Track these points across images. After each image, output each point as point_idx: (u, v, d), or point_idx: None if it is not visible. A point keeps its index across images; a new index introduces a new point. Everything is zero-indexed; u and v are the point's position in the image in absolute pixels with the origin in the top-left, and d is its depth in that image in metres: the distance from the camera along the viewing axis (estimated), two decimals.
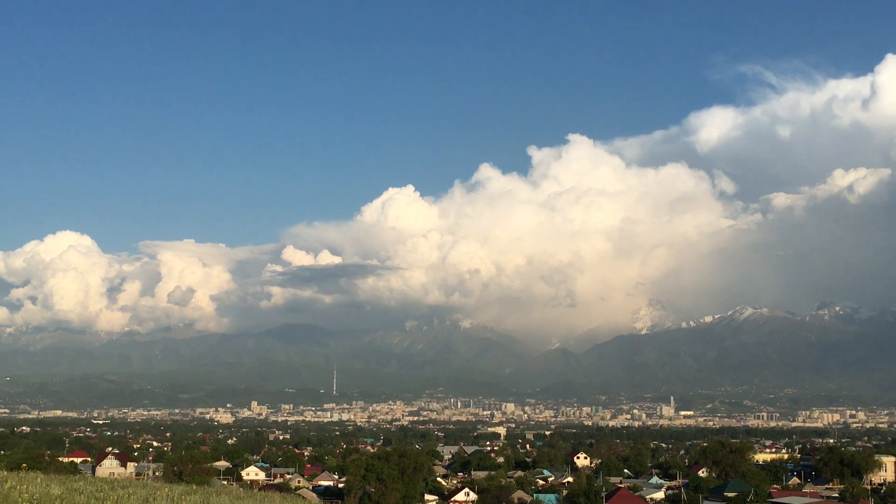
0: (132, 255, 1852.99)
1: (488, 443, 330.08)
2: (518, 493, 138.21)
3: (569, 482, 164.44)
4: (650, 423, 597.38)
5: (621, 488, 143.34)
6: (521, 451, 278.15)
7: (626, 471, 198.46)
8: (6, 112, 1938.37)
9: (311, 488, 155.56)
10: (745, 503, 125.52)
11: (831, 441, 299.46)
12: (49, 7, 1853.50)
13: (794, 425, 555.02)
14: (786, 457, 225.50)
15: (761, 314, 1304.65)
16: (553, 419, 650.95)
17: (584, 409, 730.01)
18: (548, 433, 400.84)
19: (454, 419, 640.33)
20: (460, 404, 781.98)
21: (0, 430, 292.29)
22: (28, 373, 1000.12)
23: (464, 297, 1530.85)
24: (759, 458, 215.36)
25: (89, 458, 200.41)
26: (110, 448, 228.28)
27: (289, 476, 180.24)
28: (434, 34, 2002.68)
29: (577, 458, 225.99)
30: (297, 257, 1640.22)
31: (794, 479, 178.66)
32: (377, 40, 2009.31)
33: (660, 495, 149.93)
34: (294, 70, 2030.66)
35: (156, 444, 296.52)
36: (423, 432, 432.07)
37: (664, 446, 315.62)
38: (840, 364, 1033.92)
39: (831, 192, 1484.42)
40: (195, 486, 43.01)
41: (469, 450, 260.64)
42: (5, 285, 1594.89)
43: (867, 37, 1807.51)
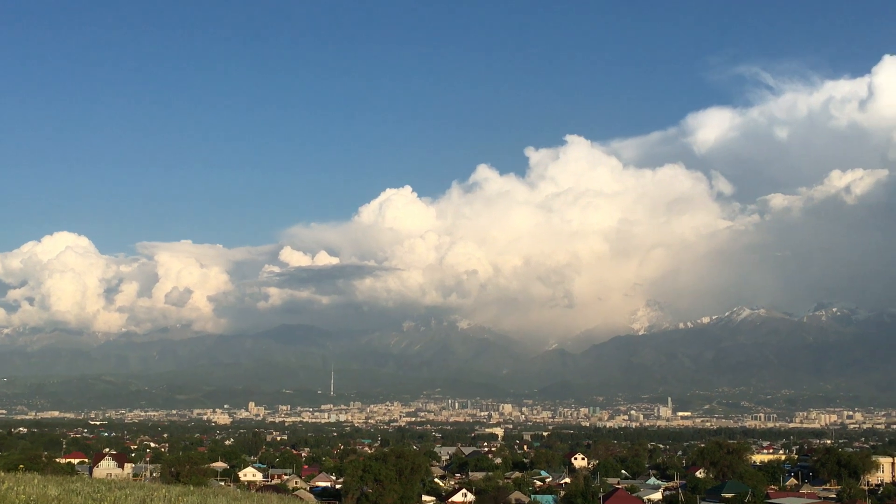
0: (129, 255, 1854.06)
1: (486, 443, 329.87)
2: (515, 494, 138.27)
3: (566, 483, 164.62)
4: (647, 423, 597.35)
5: (619, 489, 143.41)
6: (519, 451, 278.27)
7: (623, 472, 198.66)
8: (3, 113, 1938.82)
9: (308, 489, 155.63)
10: None
11: (828, 442, 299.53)
12: (46, 8, 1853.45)
13: (792, 426, 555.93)
14: (783, 457, 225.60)
15: (759, 315, 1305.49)
16: (550, 420, 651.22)
17: (582, 409, 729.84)
18: (545, 434, 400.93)
19: (452, 420, 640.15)
20: (458, 405, 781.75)
21: None
22: (25, 374, 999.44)
23: (461, 297, 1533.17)
24: (757, 458, 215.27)
25: (86, 459, 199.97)
26: (107, 449, 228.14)
27: (286, 477, 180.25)
28: (431, 35, 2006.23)
29: (575, 458, 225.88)
30: (295, 258, 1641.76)
31: (792, 480, 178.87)
32: (375, 41, 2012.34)
33: (657, 496, 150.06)
34: (291, 71, 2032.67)
35: (153, 444, 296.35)
36: (420, 433, 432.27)
37: (661, 447, 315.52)
38: (837, 365, 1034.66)
39: (828, 193, 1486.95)
40: (192, 487, 42.98)
41: (466, 450, 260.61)
42: (2, 286, 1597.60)
43: (864, 38, 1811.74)
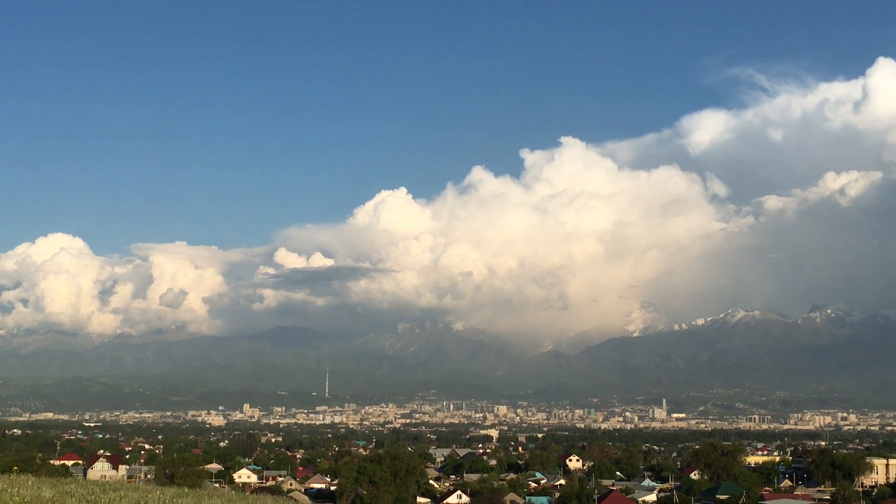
0: (124, 257, 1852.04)
1: (480, 445, 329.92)
2: (510, 496, 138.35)
3: (561, 485, 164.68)
4: (642, 425, 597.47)
5: (613, 491, 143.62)
6: (514, 453, 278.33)
7: (618, 473, 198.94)
8: None
9: (303, 491, 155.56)
10: None
11: (823, 443, 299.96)
12: (42, 10, 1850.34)
13: (786, 428, 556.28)
14: (777, 459, 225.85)
15: (753, 317, 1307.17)
16: (545, 422, 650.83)
17: (577, 411, 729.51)
18: (540, 436, 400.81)
19: (446, 422, 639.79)
20: (452, 407, 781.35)
21: None
22: (19, 375, 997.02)
23: (456, 299, 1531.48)
24: (751, 460, 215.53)
25: (81, 461, 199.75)
26: (102, 451, 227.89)
27: (281, 479, 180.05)
28: (427, 37, 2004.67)
29: (570, 460, 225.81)
30: (290, 260, 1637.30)
31: (786, 482, 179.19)
32: (370, 43, 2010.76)
33: (652, 498, 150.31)
34: (286, 73, 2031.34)
35: (147, 446, 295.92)
36: (415, 435, 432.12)
37: (656, 449, 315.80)
38: (832, 367, 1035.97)
39: (823, 194, 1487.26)
40: (187, 489, 42.98)
41: (461, 452, 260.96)
42: None
43: (859, 40, 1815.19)
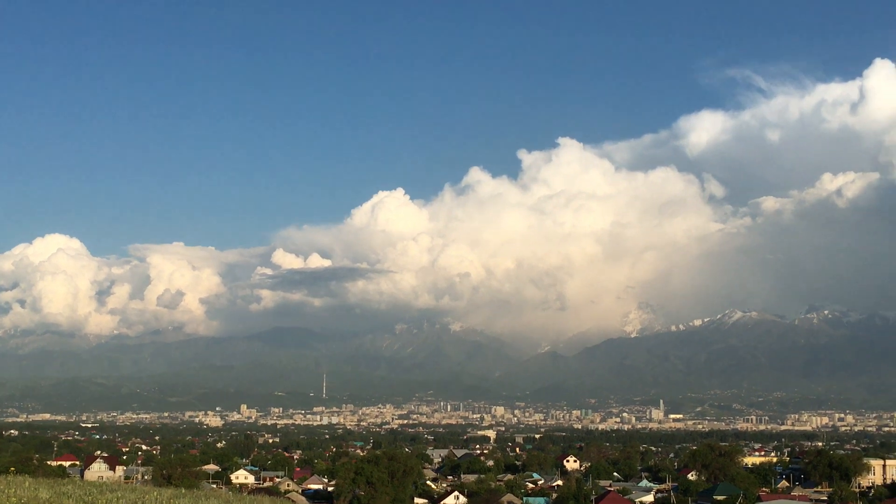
0: (121, 258, 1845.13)
1: (478, 446, 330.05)
2: (508, 497, 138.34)
3: (558, 485, 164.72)
4: (639, 426, 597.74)
5: (611, 491, 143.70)
6: (511, 454, 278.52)
7: (615, 474, 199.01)
8: None
9: (300, 492, 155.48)
10: None
11: (820, 444, 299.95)
12: (39, 12, 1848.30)
13: (783, 428, 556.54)
14: (775, 460, 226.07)
15: (750, 317, 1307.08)
16: (543, 422, 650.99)
17: (574, 412, 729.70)
18: (537, 436, 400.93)
19: (444, 422, 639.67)
20: (450, 407, 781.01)
21: None
22: (16, 376, 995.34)
23: (454, 300, 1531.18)
24: (748, 461, 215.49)
25: (78, 462, 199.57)
26: (99, 452, 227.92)
27: (278, 479, 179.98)
28: (424, 38, 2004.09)
29: (567, 461, 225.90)
30: (287, 260, 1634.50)
31: (783, 483, 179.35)
32: (367, 44, 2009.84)
33: (649, 498, 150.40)
34: (284, 74, 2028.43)
35: (145, 447, 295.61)
36: (412, 435, 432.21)
37: (653, 449, 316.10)
38: (829, 367, 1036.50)
39: (820, 195, 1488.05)
40: (184, 490, 43.03)
41: (459, 453, 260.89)
42: None
43: (856, 41, 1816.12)
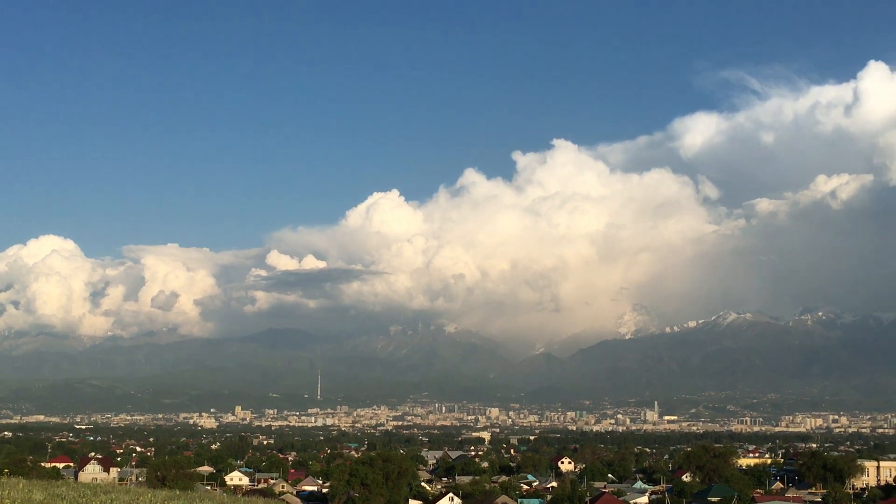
0: (116, 259, 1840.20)
1: (472, 447, 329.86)
2: (502, 498, 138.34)
3: (553, 487, 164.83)
4: (634, 427, 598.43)
5: (605, 493, 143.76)
6: (506, 455, 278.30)
7: (609, 475, 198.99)
8: None
9: (295, 493, 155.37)
10: None
11: (814, 446, 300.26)
12: (36, 13, 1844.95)
13: (778, 430, 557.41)
14: (769, 461, 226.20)
15: (745, 319, 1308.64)
16: (537, 424, 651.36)
17: (569, 413, 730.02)
18: (532, 438, 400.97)
19: (438, 424, 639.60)
20: (444, 409, 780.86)
21: None
22: (10, 377, 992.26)
23: (448, 301, 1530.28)
24: (743, 462, 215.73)
25: (72, 464, 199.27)
26: (93, 453, 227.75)
27: (273, 481, 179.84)
28: (419, 39, 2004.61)
29: (562, 462, 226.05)
30: (282, 262, 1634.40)
31: (778, 484, 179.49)
32: (363, 45, 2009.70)
33: (643, 500, 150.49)
34: (278, 74, 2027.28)
35: (139, 449, 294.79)
36: (407, 437, 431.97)
37: (648, 451, 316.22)
38: (823, 369, 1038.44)
39: (814, 197, 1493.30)
40: (178, 492, 42.97)
41: (453, 455, 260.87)
42: None
43: (850, 43, 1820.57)
